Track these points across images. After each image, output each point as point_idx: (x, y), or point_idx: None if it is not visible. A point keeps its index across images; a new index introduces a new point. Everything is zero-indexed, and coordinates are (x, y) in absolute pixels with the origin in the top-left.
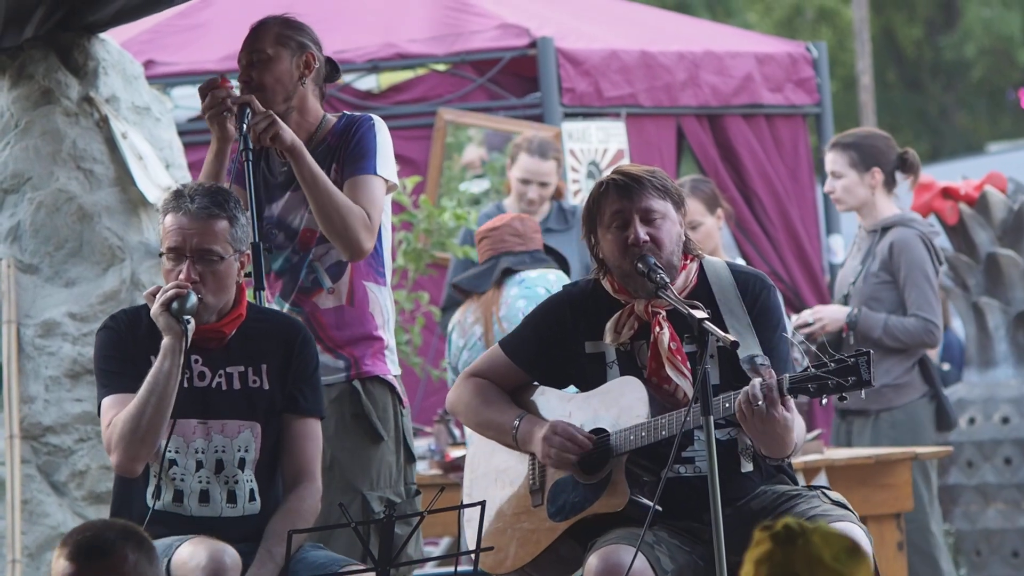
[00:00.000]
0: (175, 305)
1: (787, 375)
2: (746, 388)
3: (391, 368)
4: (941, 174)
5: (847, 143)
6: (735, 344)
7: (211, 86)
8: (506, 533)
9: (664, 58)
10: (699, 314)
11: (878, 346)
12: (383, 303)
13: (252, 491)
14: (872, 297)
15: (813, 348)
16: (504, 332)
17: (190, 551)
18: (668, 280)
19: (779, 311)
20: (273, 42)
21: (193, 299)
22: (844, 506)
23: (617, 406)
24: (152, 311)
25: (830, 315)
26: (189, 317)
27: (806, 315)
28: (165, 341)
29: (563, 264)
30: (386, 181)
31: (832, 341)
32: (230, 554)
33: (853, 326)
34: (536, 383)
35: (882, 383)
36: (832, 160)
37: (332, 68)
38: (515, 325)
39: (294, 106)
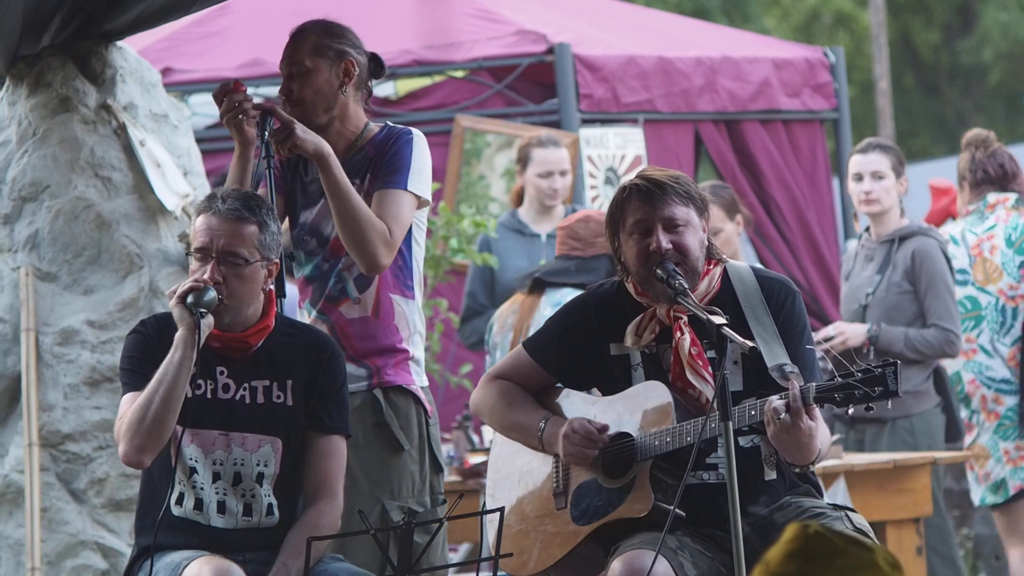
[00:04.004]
0: (191, 298)
1: (813, 384)
2: (772, 397)
3: (416, 379)
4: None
5: (887, 146)
6: (753, 349)
7: (226, 90)
8: (529, 536)
9: (681, 64)
10: (718, 320)
11: (899, 359)
12: (409, 316)
13: (271, 505)
14: (895, 307)
15: (840, 358)
16: None
17: (196, 569)
18: (688, 286)
19: (804, 318)
20: (311, 53)
21: (211, 294)
22: (865, 534)
23: (642, 410)
24: (170, 303)
25: (852, 331)
26: (204, 311)
27: (828, 330)
28: (178, 333)
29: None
30: (417, 197)
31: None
32: (236, 572)
33: (874, 341)
34: (560, 385)
35: (902, 390)
36: (875, 160)
37: (377, 66)
38: None
39: (335, 115)
